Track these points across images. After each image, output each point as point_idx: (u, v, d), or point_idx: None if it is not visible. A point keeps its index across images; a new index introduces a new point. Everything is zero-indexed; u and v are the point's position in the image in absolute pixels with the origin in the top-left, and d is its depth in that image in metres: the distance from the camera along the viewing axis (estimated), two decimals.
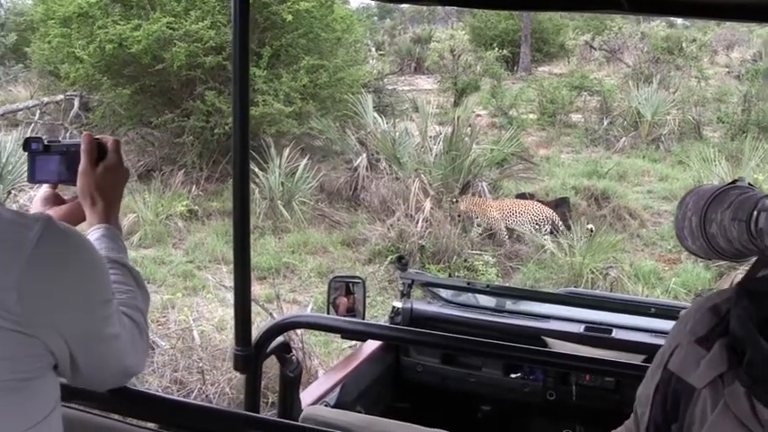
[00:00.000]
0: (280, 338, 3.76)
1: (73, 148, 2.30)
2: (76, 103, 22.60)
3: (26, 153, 2.33)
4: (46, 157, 2.32)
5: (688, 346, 1.89)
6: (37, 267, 1.60)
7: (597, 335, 4.86)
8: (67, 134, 21.53)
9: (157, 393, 3.59)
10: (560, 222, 13.66)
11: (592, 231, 12.87)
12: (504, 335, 4.76)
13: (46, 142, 2.33)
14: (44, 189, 2.38)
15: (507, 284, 11.48)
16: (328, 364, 8.89)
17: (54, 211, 2.27)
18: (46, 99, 23.69)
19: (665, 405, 1.93)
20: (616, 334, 4.86)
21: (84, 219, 2.30)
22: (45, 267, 1.62)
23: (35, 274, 1.59)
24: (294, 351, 3.99)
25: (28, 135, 13.41)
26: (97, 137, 2.32)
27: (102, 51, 17.67)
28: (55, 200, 2.36)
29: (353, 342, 6.53)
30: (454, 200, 14.17)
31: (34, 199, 2.40)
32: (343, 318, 4.43)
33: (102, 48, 17.56)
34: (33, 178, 2.35)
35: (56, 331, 1.66)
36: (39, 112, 23.15)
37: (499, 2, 3.94)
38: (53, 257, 1.65)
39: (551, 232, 13.53)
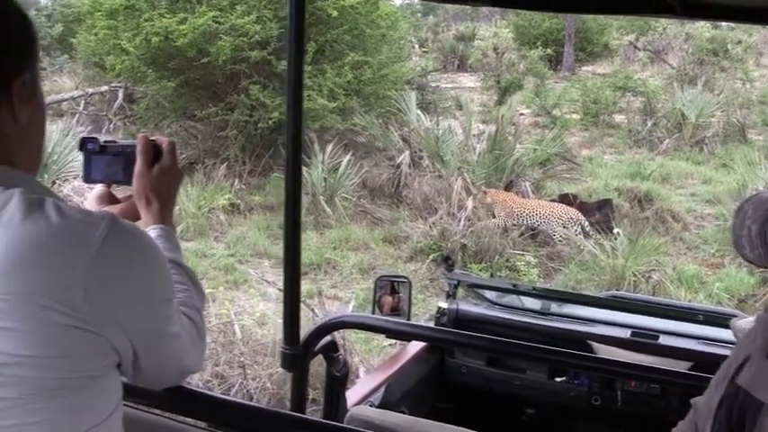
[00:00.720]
0: (327, 338, 3.75)
1: (129, 149, 2.32)
2: (121, 94, 22.78)
3: (81, 152, 2.35)
4: (101, 156, 2.34)
5: (760, 362, 1.86)
6: (103, 265, 1.60)
7: (643, 340, 4.83)
8: (111, 125, 21.75)
9: (208, 392, 3.59)
10: (588, 225, 13.55)
11: (618, 236, 12.81)
12: (550, 338, 4.74)
13: (102, 142, 2.36)
14: (98, 188, 2.41)
15: (552, 287, 11.43)
16: (369, 361, 8.90)
17: (108, 210, 2.28)
18: (91, 90, 23.89)
19: (729, 419, 1.90)
20: (662, 340, 4.83)
21: (137, 218, 2.31)
22: (111, 265, 1.63)
23: (101, 272, 1.60)
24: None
25: (72, 125, 13.51)
26: (152, 138, 2.34)
27: (147, 44, 17.75)
28: (109, 198, 2.39)
29: (395, 340, 6.53)
30: (484, 191, 14.11)
31: (88, 197, 2.43)
32: (390, 319, 4.42)
33: (148, 40, 17.64)
34: (88, 178, 2.37)
35: (121, 329, 1.67)
36: (83, 102, 23.34)
37: (548, 3, 3.90)
38: (119, 255, 1.66)
39: (583, 235, 13.44)
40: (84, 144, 2.34)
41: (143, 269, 1.74)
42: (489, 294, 5.51)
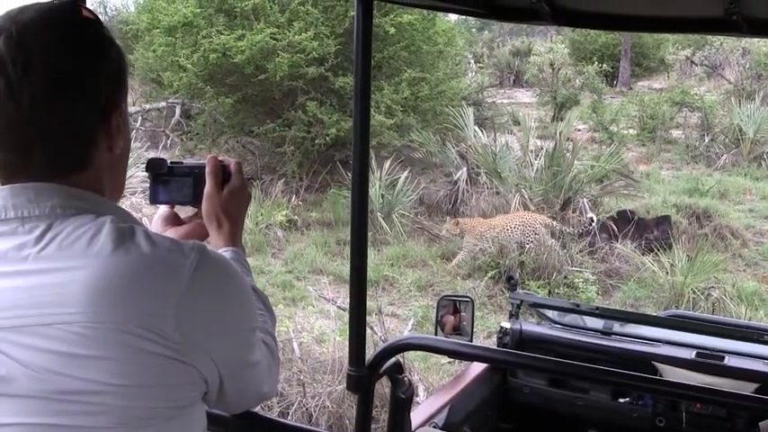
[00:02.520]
0: (393, 359, 3.74)
1: (196, 170, 2.31)
2: (178, 110, 22.94)
3: (148, 174, 2.34)
4: (169, 178, 2.32)
5: None
6: (194, 295, 1.64)
7: (709, 361, 4.77)
8: (168, 141, 21.90)
9: (273, 418, 3.61)
10: (543, 228, 13.58)
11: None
12: (613, 358, 4.72)
13: (169, 163, 2.34)
14: (163, 209, 2.41)
15: (611, 305, 11.37)
16: (428, 379, 8.89)
17: (174, 232, 2.31)
18: (148, 106, 24.10)
19: None
20: (728, 361, 4.76)
21: (203, 237, 2.31)
22: (202, 295, 1.66)
23: (192, 302, 1.64)
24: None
25: (136, 145, 13.57)
26: (221, 158, 2.32)
27: (205, 60, 17.91)
28: (174, 220, 2.39)
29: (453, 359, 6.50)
30: (456, 222, 14.27)
31: (154, 218, 2.42)
32: (454, 340, 4.40)
33: (206, 57, 17.79)
34: (156, 199, 2.35)
35: (210, 358, 1.70)
36: (140, 118, 23.51)
37: (608, 23, 3.89)
38: (209, 286, 1.69)
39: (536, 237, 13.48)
40: (151, 166, 2.33)
41: (232, 299, 1.77)
42: (550, 313, 5.49)
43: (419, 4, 4.40)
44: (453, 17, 22.06)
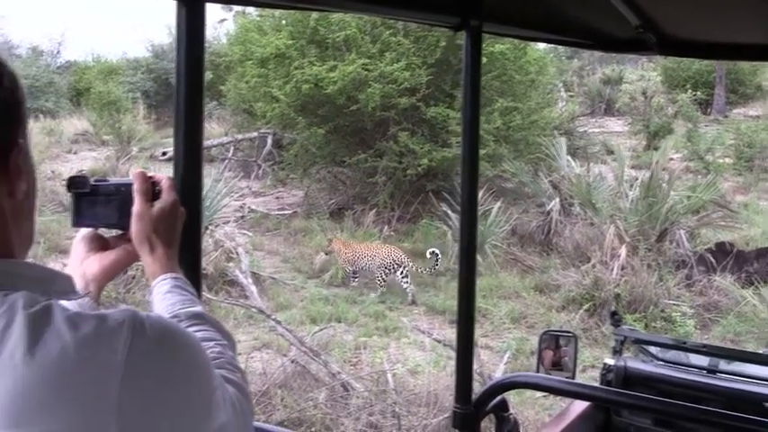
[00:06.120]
0: (498, 397, 3.68)
1: (123, 188, 2.07)
2: (270, 140, 23.16)
3: (70, 193, 2.07)
4: (92, 198, 2.07)
5: None
6: (134, 387, 1.39)
7: None
8: (260, 170, 22.12)
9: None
10: (411, 265, 14.22)
11: None
12: (721, 398, 4.58)
13: (93, 181, 2.09)
14: (85, 231, 2.15)
15: (717, 343, 11.14)
16: (523, 413, 8.76)
17: (99, 259, 2.09)
18: (240, 136, 24.38)
19: None
20: None
21: (132, 262, 2.14)
22: (143, 383, 1.41)
23: (133, 396, 1.39)
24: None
25: (222, 171, 13.79)
26: (150, 174, 2.09)
27: (297, 91, 18.06)
28: (98, 244, 2.13)
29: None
30: (329, 240, 15.15)
31: (74, 241, 2.17)
32: (561, 379, 4.31)
33: (299, 88, 17.95)
34: (77, 222, 2.09)
35: None
36: (233, 148, 23.79)
37: (716, 52, 3.79)
38: (150, 368, 1.44)
39: (404, 275, 13.99)
40: (72, 184, 2.06)
41: (181, 376, 1.52)
42: (653, 349, 5.37)
43: (527, 37, 4.33)
44: (543, 45, 21.97)
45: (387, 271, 14.11)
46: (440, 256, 14.60)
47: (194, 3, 2.16)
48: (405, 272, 14.07)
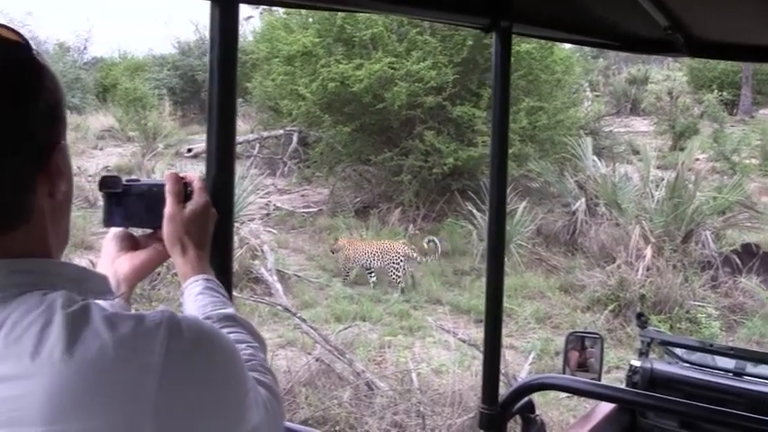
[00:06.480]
0: (525, 398, 3.68)
1: (155, 189, 2.08)
2: (295, 138, 23.21)
3: (101, 192, 2.11)
4: (124, 198, 2.09)
5: None
6: (171, 387, 1.40)
7: None
8: (285, 168, 22.14)
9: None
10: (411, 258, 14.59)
11: None
12: (748, 401, 4.56)
13: (125, 181, 2.10)
14: (116, 229, 2.16)
15: (742, 345, 11.09)
16: (547, 414, 8.75)
17: (130, 259, 2.11)
18: (265, 133, 24.41)
19: None
20: None
21: (161, 262, 2.16)
22: (180, 383, 1.43)
23: (170, 396, 1.40)
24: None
25: (247, 168, 13.84)
26: (182, 175, 2.10)
27: (324, 89, 18.08)
28: (129, 243, 2.15)
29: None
30: (335, 239, 15.51)
31: (105, 240, 2.19)
32: (588, 381, 4.31)
33: (325, 86, 17.97)
34: (111, 222, 2.11)
35: None
36: (258, 145, 23.82)
37: (745, 54, 3.78)
38: (186, 368, 1.45)
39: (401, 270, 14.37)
40: (104, 184, 2.08)
41: (217, 374, 1.53)
42: (678, 351, 5.35)
43: (556, 38, 4.34)
44: (569, 45, 21.93)
45: (391, 266, 14.39)
46: (439, 244, 14.98)
47: (228, 3, 2.17)
48: (404, 266, 14.38)
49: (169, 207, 2.03)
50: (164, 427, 1.37)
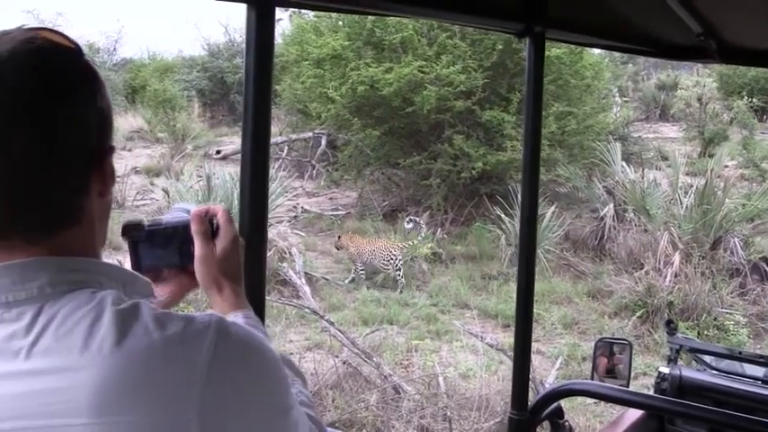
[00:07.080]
0: (554, 404, 3.68)
1: (180, 228, 2.05)
2: (324, 141, 23.25)
3: (124, 239, 2.04)
4: (150, 243, 2.06)
5: None
6: (217, 388, 1.42)
7: None
8: (314, 171, 22.18)
9: None
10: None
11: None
12: None
13: (147, 226, 2.06)
14: None
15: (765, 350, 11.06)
16: (574, 420, 8.73)
17: (158, 291, 2.01)
18: (294, 136, 24.46)
19: None
20: None
21: (186, 294, 2.18)
22: (226, 386, 1.44)
23: (217, 397, 1.42)
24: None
25: (276, 170, 13.89)
26: (204, 209, 2.05)
27: (353, 92, 18.11)
28: (154, 275, 2.07)
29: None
30: (339, 236, 15.96)
31: None
32: (617, 387, 4.30)
33: (354, 89, 17.99)
34: (140, 266, 2.04)
35: None
36: (287, 148, 23.87)
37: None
38: (233, 372, 1.47)
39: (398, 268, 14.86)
40: (127, 231, 2.03)
41: (263, 382, 1.54)
42: (707, 358, 5.34)
43: (589, 43, 4.33)
44: (599, 50, 21.87)
45: (386, 263, 14.78)
46: (422, 225, 15.77)
47: (264, 6, 2.17)
48: (399, 265, 14.66)
49: (199, 249, 2.01)
50: (208, 427, 1.39)
